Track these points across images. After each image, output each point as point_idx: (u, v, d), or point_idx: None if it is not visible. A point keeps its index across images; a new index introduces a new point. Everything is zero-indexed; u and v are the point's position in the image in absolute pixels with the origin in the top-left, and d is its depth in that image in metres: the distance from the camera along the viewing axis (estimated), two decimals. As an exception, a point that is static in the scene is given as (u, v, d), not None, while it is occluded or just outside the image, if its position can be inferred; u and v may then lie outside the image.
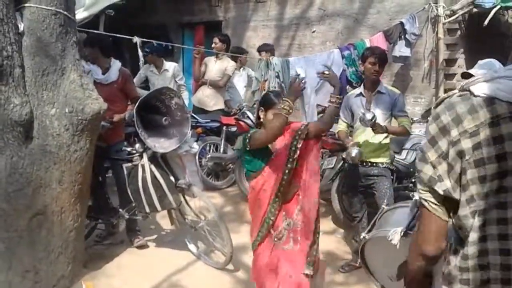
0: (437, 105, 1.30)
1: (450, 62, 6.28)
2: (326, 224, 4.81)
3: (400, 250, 2.10)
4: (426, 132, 1.30)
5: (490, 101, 1.19)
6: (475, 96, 1.22)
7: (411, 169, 4.62)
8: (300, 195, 2.83)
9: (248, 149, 2.75)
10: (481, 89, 1.21)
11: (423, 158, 1.28)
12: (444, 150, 1.22)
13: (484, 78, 1.24)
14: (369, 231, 2.59)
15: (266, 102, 2.84)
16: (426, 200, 1.28)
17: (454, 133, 1.20)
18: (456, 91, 1.30)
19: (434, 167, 1.25)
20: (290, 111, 2.61)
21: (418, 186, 1.31)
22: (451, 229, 1.30)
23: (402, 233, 2.17)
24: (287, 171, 2.75)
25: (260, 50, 6.41)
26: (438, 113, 1.25)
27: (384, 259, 2.42)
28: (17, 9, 2.91)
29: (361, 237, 2.54)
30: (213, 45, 6.31)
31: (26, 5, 2.93)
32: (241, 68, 6.61)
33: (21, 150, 2.95)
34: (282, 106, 2.62)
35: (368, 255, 2.55)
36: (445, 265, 1.34)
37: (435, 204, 1.27)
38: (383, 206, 2.73)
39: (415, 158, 4.56)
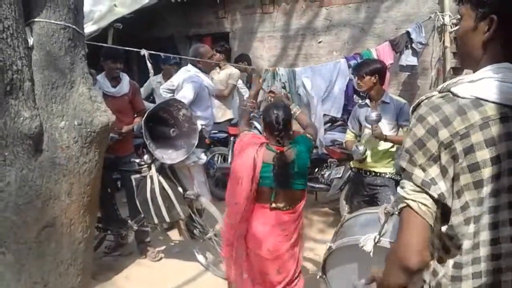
0: (416, 108, 1.24)
1: (457, 70, 6.25)
2: (335, 234, 4.79)
3: (370, 260, 1.96)
4: (408, 134, 1.23)
5: (478, 103, 1.15)
6: (460, 97, 1.18)
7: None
8: None
9: None
10: (466, 90, 1.18)
11: (411, 160, 1.20)
12: (434, 152, 1.16)
13: (467, 79, 1.20)
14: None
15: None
16: (415, 201, 1.18)
17: (445, 134, 1.15)
18: (435, 92, 1.26)
19: (424, 170, 1.17)
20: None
21: (407, 187, 1.21)
22: (431, 237, 1.22)
23: (377, 239, 1.99)
24: None
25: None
26: (422, 115, 1.19)
27: (351, 271, 2.22)
28: (27, 24, 2.95)
29: (327, 247, 2.37)
30: (213, 57, 6.37)
31: (35, 19, 2.97)
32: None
33: (30, 162, 2.98)
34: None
35: (332, 268, 2.34)
36: (430, 275, 1.26)
37: (426, 207, 1.18)
38: (344, 214, 2.64)
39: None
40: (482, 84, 1.17)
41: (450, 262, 1.22)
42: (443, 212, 1.20)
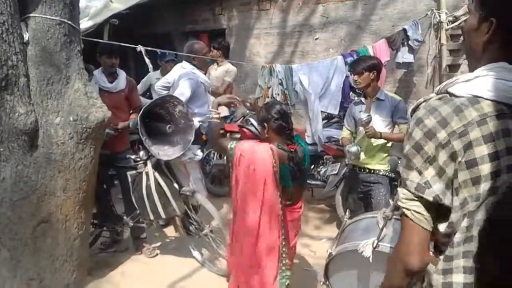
0: (414, 110, 1.27)
1: (453, 67, 6.27)
2: (331, 230, 4.80)
3: (371, 265, 1.98)
4: (407, 138, 1.25)
5: (475, 100, 1.17)
6: (456, 97, 1.20)
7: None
8: None
9: None
10: (463, 89, 1.20)
11: (408, 165, 1.23)
12: (430, 154, 1.18)
13: (463, 79, 1.22)
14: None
15: None
16: (409, 210, 1.23)
17: (442, 135, 1.16)
18: (432, 95, 1.28)
19: (420, 173, 1.20)
20: None
21: (401, 195, 1.26)
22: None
23: (375, 244, 2.02)
24: None
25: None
26: (420, 118, 1.21)
27: (353, 276, 2.25)
28: (22, 19, 2.94)
29: (327, 253, 2.37)
30: (210, 53, 6.35)
31: (31, 15, 2.96)
32: None
33: (26, 158, 2.97)
34: None
35: (334, 273, 2.36)
36: (426, 276, 1.29)
37: (420, 214, 1.22)
38: (345, 219, 2.63)
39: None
40: (478, 82, 1.19)
41: (441, 257, 1.24)
42: (438, 213, 1.22)
